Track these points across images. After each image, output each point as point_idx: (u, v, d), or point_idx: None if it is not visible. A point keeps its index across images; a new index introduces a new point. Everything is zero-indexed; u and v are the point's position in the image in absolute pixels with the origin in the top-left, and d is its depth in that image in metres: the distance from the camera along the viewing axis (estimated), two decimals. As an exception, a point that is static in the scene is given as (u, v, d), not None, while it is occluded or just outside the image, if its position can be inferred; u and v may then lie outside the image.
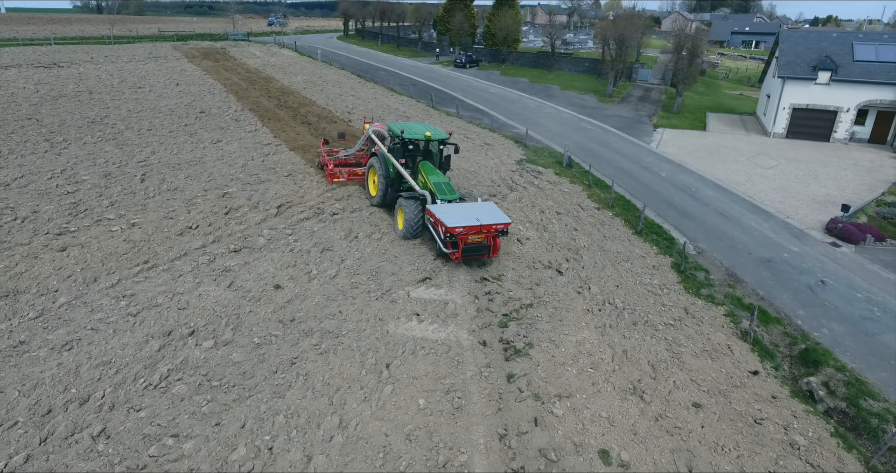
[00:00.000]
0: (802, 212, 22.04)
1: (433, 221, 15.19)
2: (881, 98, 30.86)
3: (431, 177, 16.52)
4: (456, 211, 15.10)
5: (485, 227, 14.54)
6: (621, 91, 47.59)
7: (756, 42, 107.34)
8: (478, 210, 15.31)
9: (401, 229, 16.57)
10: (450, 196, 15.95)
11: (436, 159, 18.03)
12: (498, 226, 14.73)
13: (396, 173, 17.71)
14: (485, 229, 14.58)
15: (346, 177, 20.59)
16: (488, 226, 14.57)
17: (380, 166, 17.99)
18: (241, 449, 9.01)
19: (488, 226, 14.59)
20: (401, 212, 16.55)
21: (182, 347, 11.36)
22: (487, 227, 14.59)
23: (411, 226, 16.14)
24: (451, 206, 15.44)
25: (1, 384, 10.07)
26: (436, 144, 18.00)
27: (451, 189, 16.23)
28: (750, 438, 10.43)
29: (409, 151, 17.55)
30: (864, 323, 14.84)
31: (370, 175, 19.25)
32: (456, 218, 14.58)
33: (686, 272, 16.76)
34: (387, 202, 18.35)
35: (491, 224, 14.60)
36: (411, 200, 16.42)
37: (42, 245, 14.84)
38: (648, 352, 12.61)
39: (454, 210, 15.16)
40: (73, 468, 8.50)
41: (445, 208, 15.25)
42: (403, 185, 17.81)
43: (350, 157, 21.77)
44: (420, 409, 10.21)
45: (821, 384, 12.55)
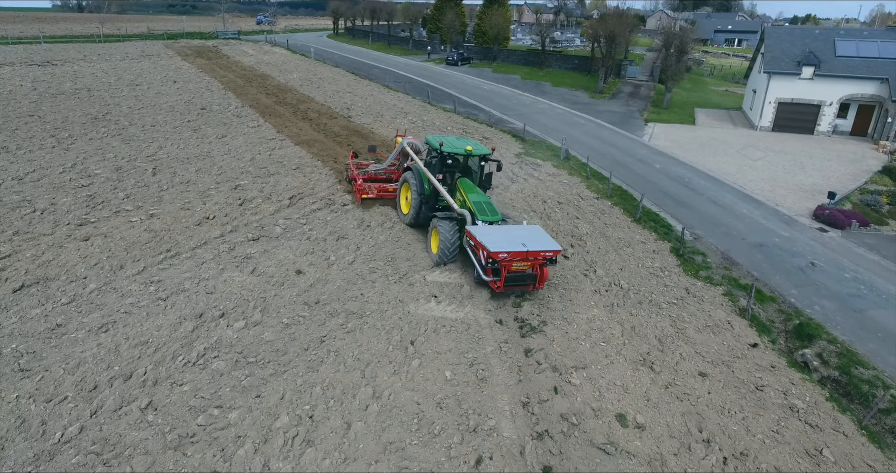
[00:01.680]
0: (791, 200, 23.06)
1: (473, 244, 13.67)
2: (862, 92, 32.13)
3: (471, 195, 15.06)
4: (499, 234, 13.55)
5: (532, 254, 13.01)
6: (611, 87, 48.59)
7: (738, 40, 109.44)
8: (524, 234, 13.76)
9: (435, 253, 15.04)
10: (491, 217, 14.46)
11: (476, 177, 16.61)
12: (546, 253, 13.20)
13: (432, 190, 16.22)
14: (531, 256, 13.06)
15: (376, 194, 18.90)
16: (536, 252, 13.03)
17: (414, 182, 16.55)
18: (283, 418, 9.57)
19: (536, 253, 13.05)
20: (435, 234, 15.01)
21: (215, 328, 11.87)
22: (535, 254, 13.06)
23: (447, 250, 14.60)
24: (493, 229, 13.86)
25: (45, 363, 10.51)
26: (476, 160, 16.62)
27: (494, 209, 14.76)
28: (753, 402, 11.23)
29: (447, 166, 16.13)
30: (853, 300, 15.79)
31: (402, 191, 17.76)
32: (499, 242, 13.06)
33: (685, 256, 17.59)
34: (420, 221, 16.72)
35: (539, 250, 13.05)
36: (447, 221, 14.97)
37: (65, 235, 15.20)
38: (655, 328, 13.38)
39: (497, 233, 13.60)
40: (126, 437, 9.00)
41: (487, 230, 13.67)
42: (439, 203, 16.39)
43: (380, 172, 20.16)
44: (447, 380, 10.85)
45: (815, 355, 13.42)
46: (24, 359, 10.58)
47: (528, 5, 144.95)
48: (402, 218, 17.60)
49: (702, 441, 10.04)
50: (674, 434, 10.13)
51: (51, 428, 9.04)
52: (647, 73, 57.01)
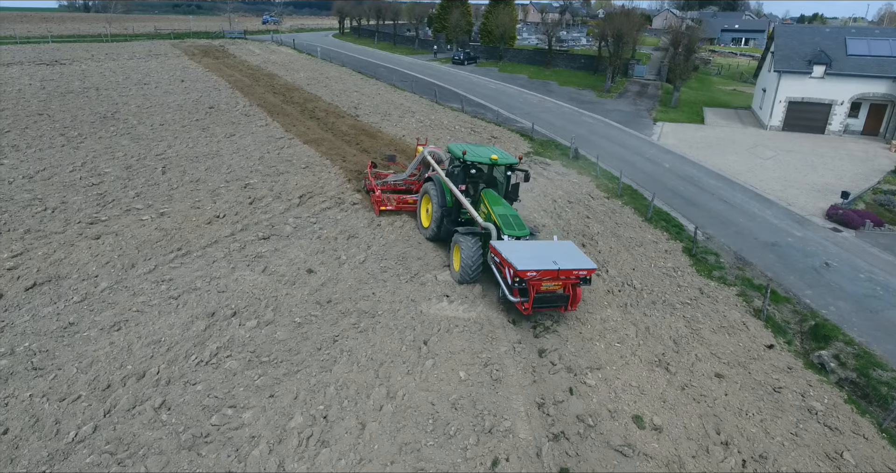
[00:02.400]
0: (803, 200, 22.84)
1: (498, 261, 12.54)
2: (874, 91, 31.84)
3: (497, 207, 14.10)
4: (528, 250, 12.48)
5: (563, 273, 11.89)
6: (619, 86, 48.36)
7: (745, 39, 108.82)
8: (554, 250, 12.69)
9: (456, 270, 13.97)
10: (519, 232, 13.43)
11: (501, 188, 15.59)
12: (580, 271, 12.06)
13: (454, 202, 15.27)
14: (563, 275, 11.94)
15: (395, 206, 17.95)
16: (568, 271, 11.90)
17: (435, 193, 15.66)
18: (297, 418, 9.49)
19: (568, 272, 11.92)
20: (457, 250, 14.01)
21: (227, 327, 11.81)
22: (567, 273, 11.93)
23: (469, 268, 13.53)
24: (521, 244, 12.82)
25: (58, 362, 10.47)
26: (502, 170, 15.59)
27: (521, 223, 13.73)
28: (771, 404, 11.08)
29: (470, 177, 15.17)
30: (868, 300, 15.60)
31: (423, 203, 16.89)
32: (528, 259, 11.97)
33: (697, 256, 17.43)
34: (442, 236, 15.74)
35: (571, 269, 11.93)
36: (470, 236, 13.95)
37: (76, 233, 15.19)
38: (669, 328, 13.24)
39: (525, 249, 12.54)
40: (139, 437, 8.94)
41: (515, 246, 12.61)
42: (462, 217, 15.46)
43: (400, 182, 19.24)
44: (462, 381, 10.75)
45: (832, 356, 13.24)
46: (37, 358, 10.54)
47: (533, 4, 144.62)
48: (423, 231, 16.67)
49: (720, 443, 9.91)
50: (691, 436, 10.00)
51: (64, 428, 8.99)
52: (654, 72, 56.73)
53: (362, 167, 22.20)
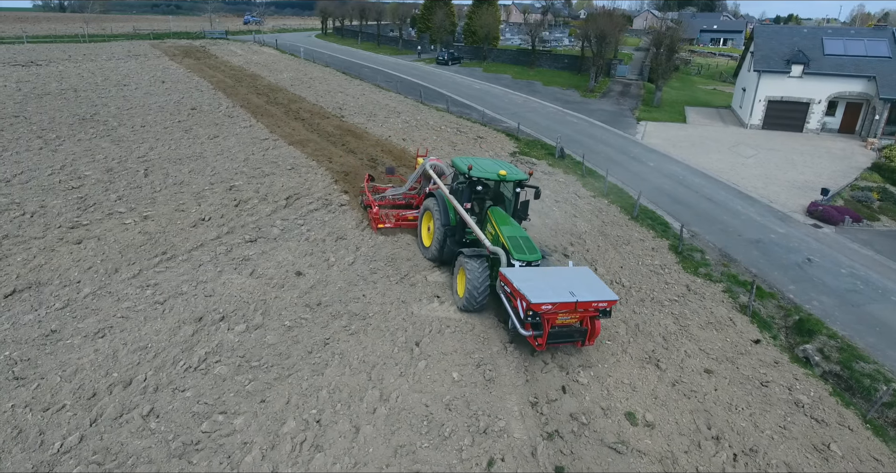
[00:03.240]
0: (784, 197, 23.25)
1: (509, 291, 11.39)
2: (850, 90, 32.54)
3: (505, 228, 12.98)
4: (541, 279, 11.39)
5: (582, 305, 10.78)
6: (602, 86, 48.77)
7: (724, 39, 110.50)
8: (571, 279, 11.54)
9: (461, 296, 12.85)
10: (530, 256, 12.30)
11: (509, 205, 14.44)
12: (599, 304, 10.89)
13: (458, 220, 14.19)
14: (581, 307, 10.83)
15: (394, 223, 16.79)
16: (586, 303, 10.77)
17: (437, 210, 14.51)
18: (290, 423, 9.38)
19: (586, 305, 10.80)
20: (462, 274, 12.98)
21: (215, 331, 11.63)
22: (585, 305, 10.80)
23: (475, 295, 12.35)
24: (533, 272, 11.74)
25: (41, 371, 10.22)
26: (510, 186, 14.53)
27: (532, 246, 12.59)
28: (759, 398, 11.24)
29: (476, 193, 13.97)
30: (850, 295, 15.92)
31: (424, 220, 15.70)
32: (542, 289, 10.85)
33: (683, 253, 17.63)
34: (445, 257, 14.55)
35: (590, 301, 10.78)
36: (476, 259, 12.71)
37: (57, 238, 14.84)
38: (658, 325, 13.37)
39: (539, 277, 11.44)
40: (128, 446, 8.76)
41: (527, 275, 11.50)
42: (467, 237, 14.36)
43: (399, 197, 18.11)
44: (455, 381, 10.72)
45: (816, 350, 13.49)
46: (19, 367, 10.27)
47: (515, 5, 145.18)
48: (424, 252, 15.39)
49: (711, 438, 10.02)
50: (683, 431, 10.10)
51: (49, 438, 8.77)
52: (636, 72, 57.31)
53: (349, 168, 22.07)
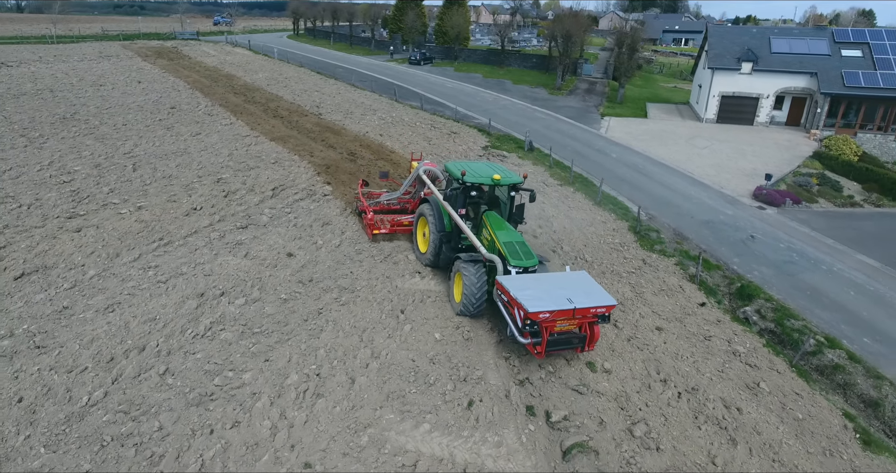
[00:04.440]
0: (734, 183, 25.33)
1: (506, 300, 11.35)
2: (795, 85, 35.11)
3: (501, 233, 12.84)
4: (538, 286, 11.29)
5: (580, 312, 10.74)
6: (569, 84, 50.80)
7: (685, 39, 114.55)
8: (568, 285, 11.44)
9: (458, 302, 12.85)
10: (527, 262, 12.18)
11: (505, 209, 14.44)
12: (598, 309, 10.90)
13: (454, 226, 14.13)
14: (579, 314, 10.78)
15: (389, 229, 16.63)
16: (585, 309, 10.75)
17: (432, 216, 14.46)
18: (293, 376, 10.60)
19: (584, 311, 10.77)
20: (458, 279, 12.92)
21: (217, 305, 12.73)
22: (583, 312, 10.77)
23: (472, 301, 12.39)
24: (530, 279, 11.64)
25: (59, 340, 11.19)
26: (505, 190, 14.46)
27: (529, 251, 12.47)
28: (702, 349, 12.93)
29: (471, 199, 13.98)
30: (787, 266, 17.88)
31: (419, 226, 15.64)
32: (540, 297, 10.76)
33: (641, 233, 19.36)
34: (441, 263, 14.59)
35: (588, 307, 10.77)
36: (473, 264, 12.72)
37: (56, 227, 15.66)
38: (617, 292, 14.98)
39: (536, 284, 11.35)
40: (149, 398, 9.85)
41: (523, 282, 11.39)
42: (463, 242, 14.31)
43: (394, 202, 17.94)
44: (437, 341, 12.09)
45: (754, 311, 15.32)
46: (38, 338, 11.22)
47: (485, 6, 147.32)
48: (420, 257, 15.33)
49: (659, 380, 11.62)
50: (636, 376, 11.67)
51: (76, 394, 9.80)
52: (601, 71, 59.63)
53: (330, 161, 23.20)
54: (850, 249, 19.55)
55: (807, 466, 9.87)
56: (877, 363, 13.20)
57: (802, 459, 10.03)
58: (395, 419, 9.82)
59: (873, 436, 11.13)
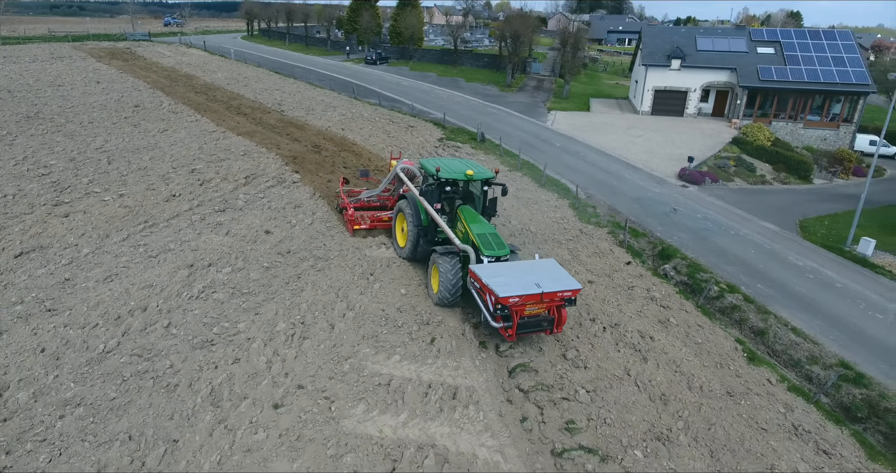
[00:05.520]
0: (662, 166, 28.42)
1: (479, 286, 12.13)
2: (718, 80, 38.89)
3: (474, 226, 13.67)
4: (508, 273, 12.07)
5: (547, 296, 11.53)
6: (518, 82, 53.63)
7: (628, 39, 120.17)
8: (537, 271, 12.29)
9: (435, 292, 13.66)
10: (498, 251, 12.99)
11: (478, 203, 15.24)
12: (564, 293, 11.68)
13: (430, 221, 14.82)
14: (547, 298, 11.60)
15: (369, 224, 17.42)
16: (552, 294, 11.55)
17: (410, 212, 15.20)
18: (281, 324, 12.45)
19: (552, 295, 11.57)
20: (435, 271, 13.66)
21: (206, 273, 14.38)
22: (551, 296, 11.57)
23: (449, 290, 13.16)
24: (501, 267, 12.43)
25: (68, 304, 12.64)
26: (478, 185, 15.24)
27: (501, 242, 13.31)
28: (625, 296, 15.48)
29: (446, 194, 14.78)
30: (701, 232, 20.82)
31: (398, 221, 16.36)
32: (509, 283, 11.54)
33: (579, 208, 21.95)
34: (419, 256, 15.38)
35: (556, 291, 11.57)
36: (448, 256, 13.52)
37: (45, 213, 16.84)
38: (557, 255, 17.39)
39: (506, 271, 12.12)
40: (157, 344, 11.51)
41: (495, 269, 12.19)
42: (439, 236, 15.01)
43: (373, 199, 18.70)
44: (403, 295, 14.14)
45: (671, 268, 18.08)
46: (48, 303, 12.64)
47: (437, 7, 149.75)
48: (399, 251, 16.11)
49: (589, 319, 14.04)
50: (570, 317, 14.03)
51: (92, 344, 11.35)
52: (549, 69, 62.88)
53: (296, 153, 24.83)
54: (755, 218, 22.76)
55: (701, 375, 12.45)
56: (766, 303, 16.10)
57: (698, 370, 12.62)
58: (370, 352, 11.83)
59: (757, 355, 13.91)
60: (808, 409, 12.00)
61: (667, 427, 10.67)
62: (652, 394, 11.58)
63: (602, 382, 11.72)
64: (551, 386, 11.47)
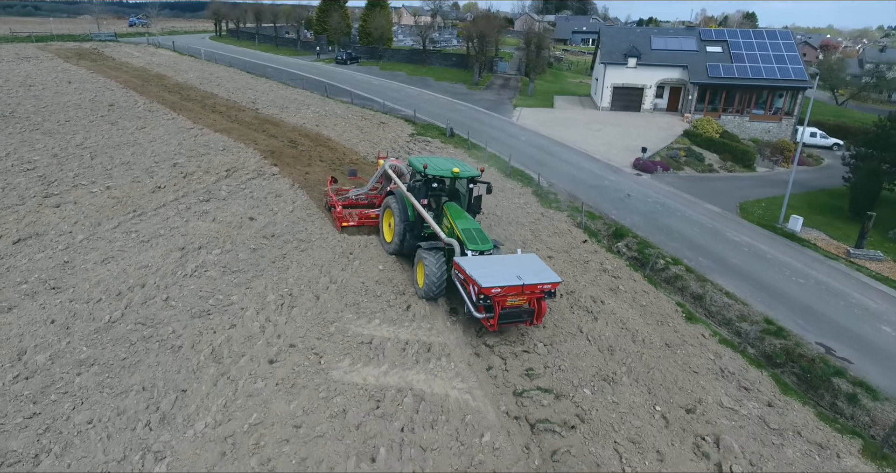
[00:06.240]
0: (619, 157, 30.53)
1: (463, 278, 12.64)
2: (671, 77, 41.42)
3: (459, 222, 14.13)
4: (491, 265, 12.66)
5: (528, 288, 12.07)
6: (485, 80, 55.47)
7: (592, 40, 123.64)
8: (518, 264, 12.87)
9: (421, 287, 14.04)
10: (482, 246, 13.51)
11: (464, 200, 15.85)
12: (544, 285, 12.25)
13: (416, 216, 15.33)
14: (528, 290, 12.12)
15: (358, 221, 17.95)
16: (532, 285, 12.08)
17: (397, 207, 15.66)
18: (270, 296, 13.76)
19: (532, 287, 12.10)
20: (420, 266, 14.09)
21: (198, 255, 15.55)
22: (531, 288, 12.11)
23: (433, 284, 13.61)
24: (484, 260, 13.00)
25: (70, 282, 13.69)
26: (464, 183, 15.83)
27: (484, 237, 13.83)
28: (581, 268, 17.27)
29: (432, 190, 15.20)
30: (651, 214, 22.85)
31: (385, 217, 16.84)
32: (492, 275, 12.07)
33: (541, 195, 23.75)
34: (405, 251, 15.82)
35: (536, 283, 12.12)
36: (433, 251, 13.99)
37: (37, 203, 17.69)
38: (520, 236, 19.11)
39: (489, 264, 12.72)
40: (159, 315, 12.70)
41: (478, 262, 12.75)
42: (425, 231, 15.49)
43: (361, 197, 19.31)
44: (380, 270, 15.60)
45: (624, 245, 20.01)
46: (51, 282, 13.67)
47: (405, 8, 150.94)
48: (385, 246, 16.60)
49: (547, 288, 15.72)
50: (530, 286, 15.69)
51: (98, 315, 12.48)
52: (515, 68, 64.97)
53: (274, 148, 25.96)
54: (701, 201, 24.98)
55: (644, 331, 14.27)
56: (705, 273, 18.13)
57: (642, 327, 14.44)
58: (353, 317, 13.26)
59: (694, 315, 15.85)
60: (734, 357, 13.93)
61: (612, 372, 12.42)
62: (601, 347, 13.32)
63: (557, 338, 13.41)
64: (514, 341, 13.10)
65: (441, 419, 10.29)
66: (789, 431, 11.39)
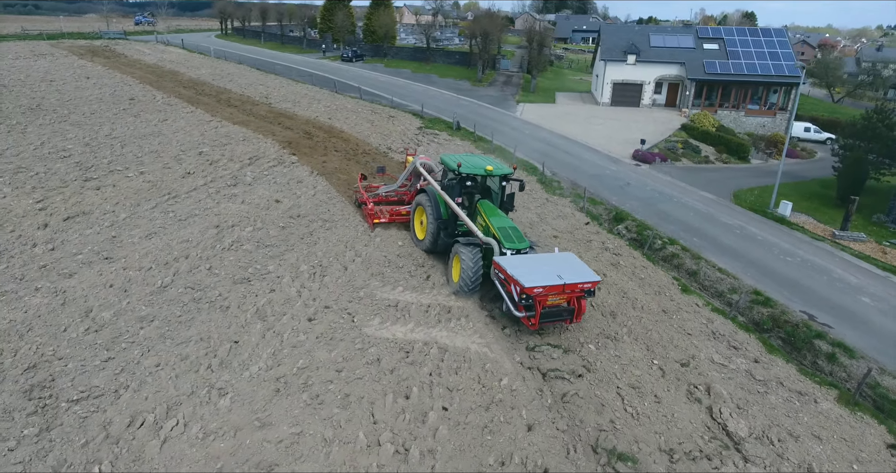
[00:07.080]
0: (619, 149, 31.91)
1: (503, 278, 12.74)
2: (669, 73, 42.82)
3: (494, 220, 14.28)
4: (531, 265, 12.75)
5: (569, 287, 12.20)
6: (489, 77, 56.86)
7: (592, 38, 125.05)
8: (557, 263, 12.98)
9: (456, 282, 14.11)
10: (519, 244, 13.63)
11: (496, 197, 15.90)
12: (585, 285, 12.38)
13: (450, 214, 15.38)
14: (569, 289, 12.27)
15: (388, 218, 18.06)
16: (573, 285, 12.21)
17: (429, 205, 15.69)
18: (303, 266, 15.11)
19: (573, 286, 12.23)
20: (457, 261, 14.11)
21: (232, 232, 16.90)
22: (572, 287, 12.24)
23: (469, 279, 13.64)
24: (523, 259, 13.09)
25: (120, 254, 15.01)
26: (496, 180, 15.88)
27: (521, 235, 13.95)
28: (584, 247, 18.65)
29: (466, 188, 15.27)
30: (650, 200, 24.24)
31: (416, 215, 16.91)
32: (533, 274, 12.19)
33: (545, 183, 25.12)
34: (439, 248, 15.86)
35: (577, 283, 12.24)
36: (469, 247, 14.00)
37: (79, 186, 19.02)
38: (527, 218, 20.48)
39: (529, 264, 12.82)
40: (204, 281, 14.05)
41: (518, 262, 12.85)
42: (459, 228, 15.61)
43: (391, 194, 19.51)
44: (400, 246, 16.96)
45: (624, 228, 21.39)
46: (104, 253, 15.00)
47: (407, 7, 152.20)
48: (418, 243, 16.70)
49: (554, 262, 17.11)
50: (538, 260, 17.06)
51: (151, 281, 13.82)
52: (517, 66, 66.35)
53: (291, 139, 27.31)
54: (696, 189, 26.37)
55: (643, 299, 15.64)
56: (699, 251, 19.51)
57: (641, 296, 15.82)
58: (378, 285, 14.62)
59: (689, 288, 17.24)
60: (725, 322, 15.32)
61: (614, 332, 13.80)
62: (604, 312, 14.70)
63: (564, 304, 14.77)
64: (525, 306, 14.45)
65: (464, 366, 11.66)
66: (773, 382, 12.78)
